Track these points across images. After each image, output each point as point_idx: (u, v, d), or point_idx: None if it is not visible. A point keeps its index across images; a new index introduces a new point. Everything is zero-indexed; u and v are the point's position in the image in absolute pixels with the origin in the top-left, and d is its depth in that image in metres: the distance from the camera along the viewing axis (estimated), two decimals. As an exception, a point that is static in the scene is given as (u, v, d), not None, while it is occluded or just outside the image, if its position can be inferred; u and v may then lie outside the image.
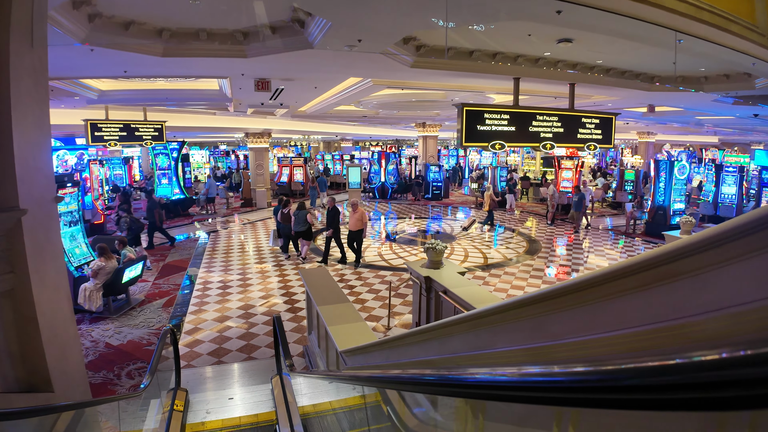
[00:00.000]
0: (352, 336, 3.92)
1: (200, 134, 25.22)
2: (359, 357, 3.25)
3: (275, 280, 9.88)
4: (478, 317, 1.77)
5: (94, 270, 7.75)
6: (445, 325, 1.98)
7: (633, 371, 0.65)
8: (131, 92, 10.84)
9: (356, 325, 4.22)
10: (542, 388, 0.89)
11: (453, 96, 11.34)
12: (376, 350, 2.76)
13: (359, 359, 3.26)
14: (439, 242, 6.02)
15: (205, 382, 5.71)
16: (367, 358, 3.02)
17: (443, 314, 5.55)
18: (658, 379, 0.62)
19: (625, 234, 15.57)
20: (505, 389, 1.05)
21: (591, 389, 0.77)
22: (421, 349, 2.22)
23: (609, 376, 0.71)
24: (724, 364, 0.53)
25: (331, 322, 4.22)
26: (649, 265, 0.99)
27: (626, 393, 0.69)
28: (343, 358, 3.77)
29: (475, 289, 5.26)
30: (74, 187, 8.70)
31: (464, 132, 7.65)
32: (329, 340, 4.67)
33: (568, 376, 0.81)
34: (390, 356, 2.47)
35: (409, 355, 2.31)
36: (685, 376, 0.58)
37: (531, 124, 8.55)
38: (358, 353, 3.21)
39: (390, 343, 2.52)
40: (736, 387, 0.52)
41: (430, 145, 23.88)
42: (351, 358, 3.48)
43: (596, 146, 9.74)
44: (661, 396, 0.63)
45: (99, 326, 7.51)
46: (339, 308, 4.62)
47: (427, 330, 2.09)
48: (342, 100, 11.31)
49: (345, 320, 4.31)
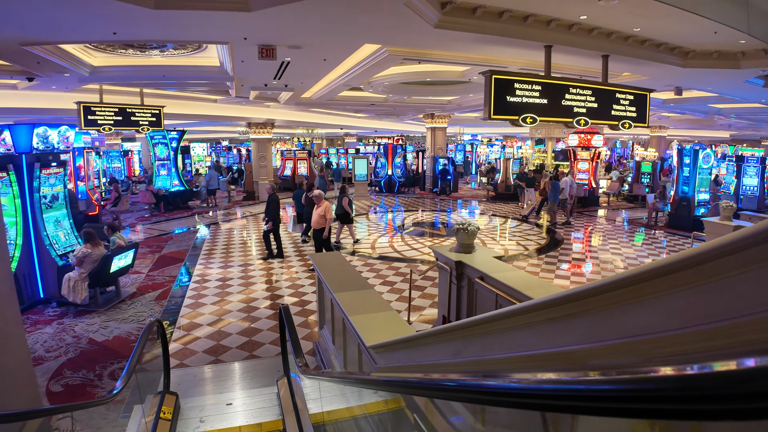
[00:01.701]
0: (382, 328, 3.11)
1: (201, 124, 24.38)
2: (399, 353, 2.44)
3: (279, 271, 9.06)
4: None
5: (78, 257, 6.95)
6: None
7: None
8: (126, 69, 10.04)
9: (385, 315, 3.41)
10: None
11: (472, 74, 10.51)
12: (429, 343, 1.95)
13: (398, 356, 2.45)
14: (471, 223, 5.20)
15: (200, 384, 4.89)
16: (412, 355, 2.21)
17: (478, 305, 4.73)
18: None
19: (647, 226, 14.75)
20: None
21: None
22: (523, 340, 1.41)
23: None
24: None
25: (353, 311, 3.40)
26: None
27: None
28: (370, 355, 2.96)
29: (519, 273, 4.44)
30: (60, 167, 7.90)
31: (492, 103, 6.85)
32: (348, 335, 3.85)
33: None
34: (461, 351, 1.66)
35: (500, 348, 1.50)
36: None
37: (564, 97, 7.76)
38: (396, 348, 2.40)
39: (456, 332, 1.71)
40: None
41: (438, 138, 23.03)
42: (384, 355, 2.67)
43: (631, 124, 8.94)
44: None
45: (83, 320, 6.72)
46: (361, 296, 3.81)
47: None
48: (352, 78, 10.48)
49: (369, 309, 3.50)
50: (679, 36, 8.58)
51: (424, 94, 14.87)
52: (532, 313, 1.39)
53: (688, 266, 0.85)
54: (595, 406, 0.76)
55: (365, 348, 2.96)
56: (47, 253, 7.53)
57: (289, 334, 3.68)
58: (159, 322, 4.05)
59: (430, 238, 12.17)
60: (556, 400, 0.83)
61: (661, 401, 0.60)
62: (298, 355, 3.25)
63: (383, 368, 2.67)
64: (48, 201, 7.68)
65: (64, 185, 8.05)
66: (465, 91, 14.23)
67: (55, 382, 5.10)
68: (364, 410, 3.63)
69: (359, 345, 3.32)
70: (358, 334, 3.08)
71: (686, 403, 0.58)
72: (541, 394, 0.87)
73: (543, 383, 0.88)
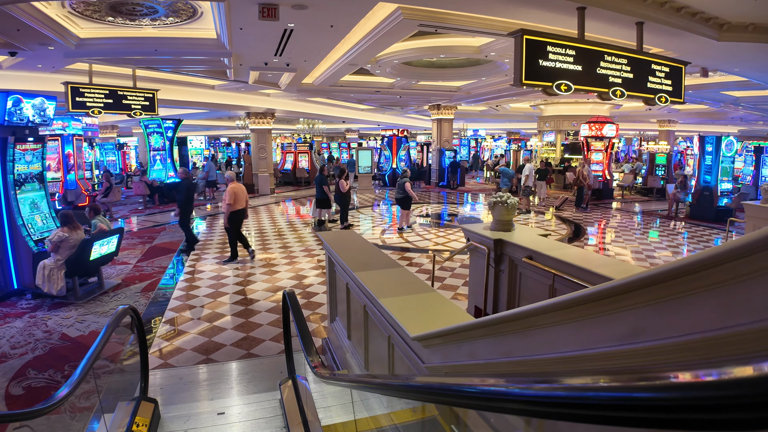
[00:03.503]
0: (428, 315, 2.30)
1: (198, 117, 23.49)
2: (465, 346, 1.63)
3: (280, 258, 8.24)
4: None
5: (54, 242, 6.12)
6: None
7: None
8: (115, 41, 9.20)
9: (427, 297, 2.58)
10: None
11: (491, 49, 9.66)
12: (546, 324, 1.14)
13: (463, 350, 1.64)
14: (509, 195, 4.38)
15: (186, 388, 4.05)
16: (499, 345, 1.39)
17: (522, 292, 3.91)
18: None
19: (668, 218, 13.98)
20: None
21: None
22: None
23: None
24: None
25: (382, 293, 2.58)
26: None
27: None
28: (412, 350, 2.15)
29: (577, 251, 3.62)
30: (38, 143, 7.08)
31: (524, 67, 6.04)
32: (372, 326, 3.04)
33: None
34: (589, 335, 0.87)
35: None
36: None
37: (599, 64, 6.99)
38: (470, 336, 1.57)
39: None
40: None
41: (444, 129, 22.17)
42: (440, 349, 1.85)
43: (667, 98, 8.14)
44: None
45: (59, 313, 5.90)
46: (389, 276, 2.98)
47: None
48: (360, 54, 9.65)
49: (404, 291, 2.68)
50: (717, 3, 7.87)
51: (433, 78, 14.02)
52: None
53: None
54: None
55: (406, 341, 2.14)
56: (22, 238, 6.71)
57: (297, 326, 2.86)
58: (133, 309, 3.24)
59: (443, 229, 11.38)
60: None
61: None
62: (309, 353, 2.44)
63: (438, 368, 1.86)
64: (27, 184, 6.87)
65: (43, 164, 7.23)
66: (477, 75, 13.40)
67: (17, 383, 4.29)
68: (389, 420, 2.83)
69: (391, 338, 2.50)
70: (394, 322, 2.26)
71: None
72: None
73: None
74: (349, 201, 11.46)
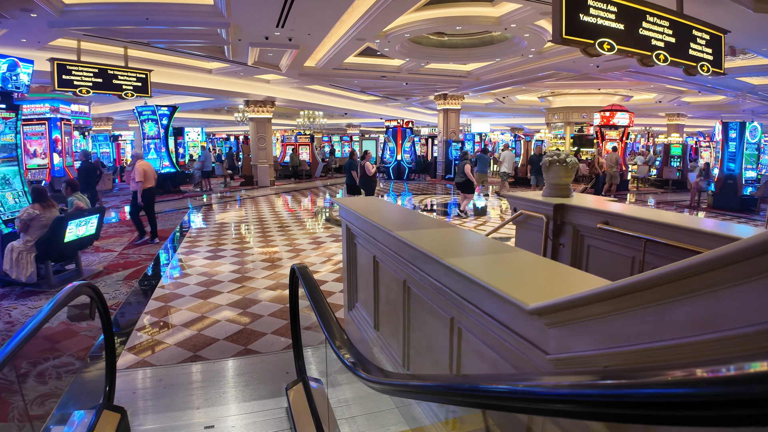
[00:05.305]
0: (523, 279, 1.49)
1: (195, 106, 22.55)
2: (678, 309, 0.84)
3: (281, 242, 7.44)
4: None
5: (23, 220, 5.30)
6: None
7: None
8: (103, 7, 8.36)
9: (509, 257, 1.77)
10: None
11: (512, 19, 8.81)
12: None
13: (674, 319, 0.85)
14: (567, 153, 3.59)
15: (166, 393, 3.21)
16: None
17: (592, 268, 3.11)
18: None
19: (691, 208, 13.24)
20: None
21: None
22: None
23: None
24: None
25: (448, 254, 1.75)
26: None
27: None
28: (519, 335, 1.34)
29: (670, 213, 2.83)
30: (11, 111, 6.25)
31: (564, 21, 5.25)
32: (418, 307, 2.23)
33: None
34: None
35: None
36: None
37: (641, 25, 6.22)
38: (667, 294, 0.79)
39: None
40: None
41: (451, 121, 21.35)
42: (588, 327, 1.05)
43: (709, 68, 7.37)
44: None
45: (27, 302, 5.08)
46: (442, 234, 2.17)
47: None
48: (368, 25, 8.83)
49: (470, 251, 1.88)
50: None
51: (444, 59, 13.17)
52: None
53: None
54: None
55: (503, 319, 1.33)
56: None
57: (316, 308, 2.05)
58: (92, 287, 2.44)
59: (456, 218, 10.61)
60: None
61: None
62: (339, 343, 1.63)
63: (582, 359, 1.06)
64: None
65: (16, 134, 6.40)
66: (491, 55, 12.58)
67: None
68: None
69: (456, 320, 1.70)
70: (477, 289, 1.44)
71: None
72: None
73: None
74: (375, 185, 10.63)
